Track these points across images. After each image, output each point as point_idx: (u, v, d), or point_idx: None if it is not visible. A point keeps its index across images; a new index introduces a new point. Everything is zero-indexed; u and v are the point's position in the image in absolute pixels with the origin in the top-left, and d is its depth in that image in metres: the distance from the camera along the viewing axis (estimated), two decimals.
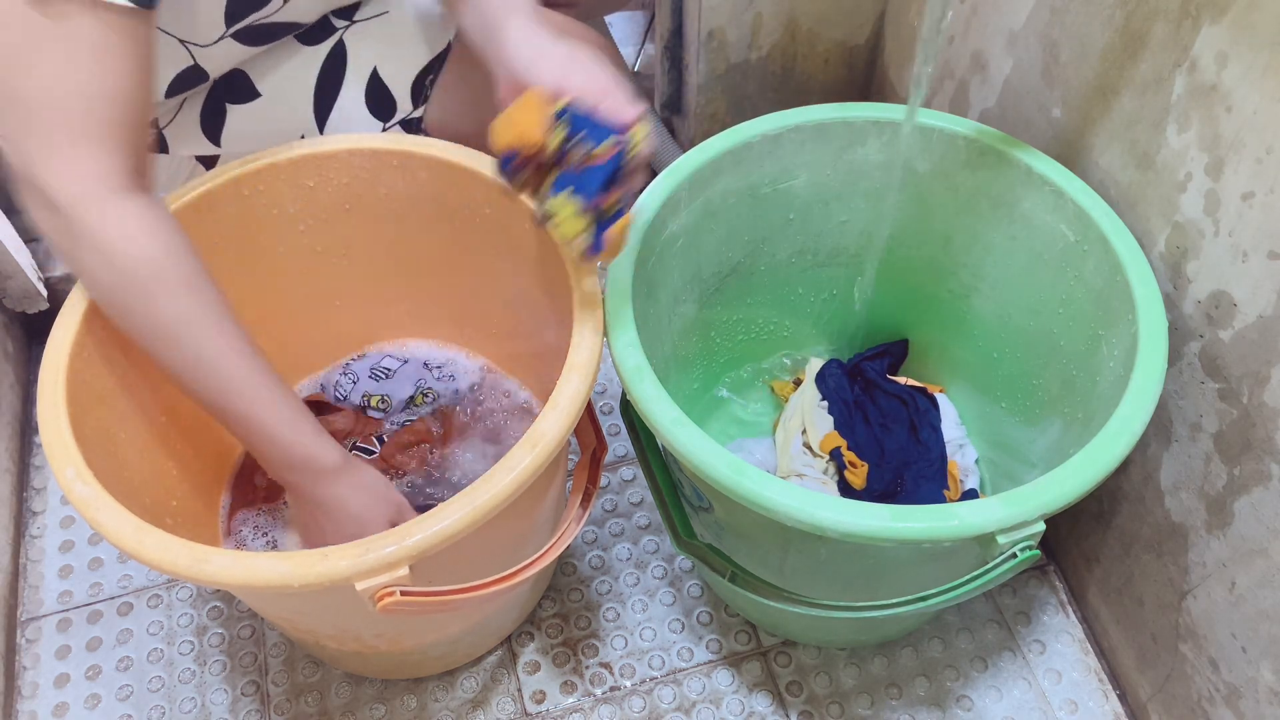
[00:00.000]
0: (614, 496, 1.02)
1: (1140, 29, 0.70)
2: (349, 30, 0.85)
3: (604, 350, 0.71)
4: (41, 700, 0.92)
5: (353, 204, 0.87)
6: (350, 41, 0.85)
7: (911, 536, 0.61)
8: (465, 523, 0.62)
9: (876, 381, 0.96)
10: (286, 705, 0.90)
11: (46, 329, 0.72)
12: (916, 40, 1.02)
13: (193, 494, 0.87)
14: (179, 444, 0.85)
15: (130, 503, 0.65)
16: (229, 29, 0.75)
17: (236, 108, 0.85)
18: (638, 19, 1.40)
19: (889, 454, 0.92)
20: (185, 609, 0.96)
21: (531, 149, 0.63)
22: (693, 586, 0.96)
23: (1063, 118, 0.81)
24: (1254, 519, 0.68)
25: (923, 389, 0.97)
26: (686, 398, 0.98)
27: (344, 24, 0.86)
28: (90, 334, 0.73)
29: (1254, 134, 0.62)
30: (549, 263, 0.78)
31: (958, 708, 0.89)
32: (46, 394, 0.69)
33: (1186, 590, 0.77)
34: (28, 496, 1.05)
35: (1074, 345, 0.80)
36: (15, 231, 1.08)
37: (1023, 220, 0.81)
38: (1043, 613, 0.94)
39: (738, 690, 0.90)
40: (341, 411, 0.95)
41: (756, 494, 0.62)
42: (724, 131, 0.82)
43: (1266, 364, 0.65)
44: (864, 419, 0.94)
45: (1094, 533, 0.89)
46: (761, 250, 0.92)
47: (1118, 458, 0.63)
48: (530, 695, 0.90)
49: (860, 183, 0.87)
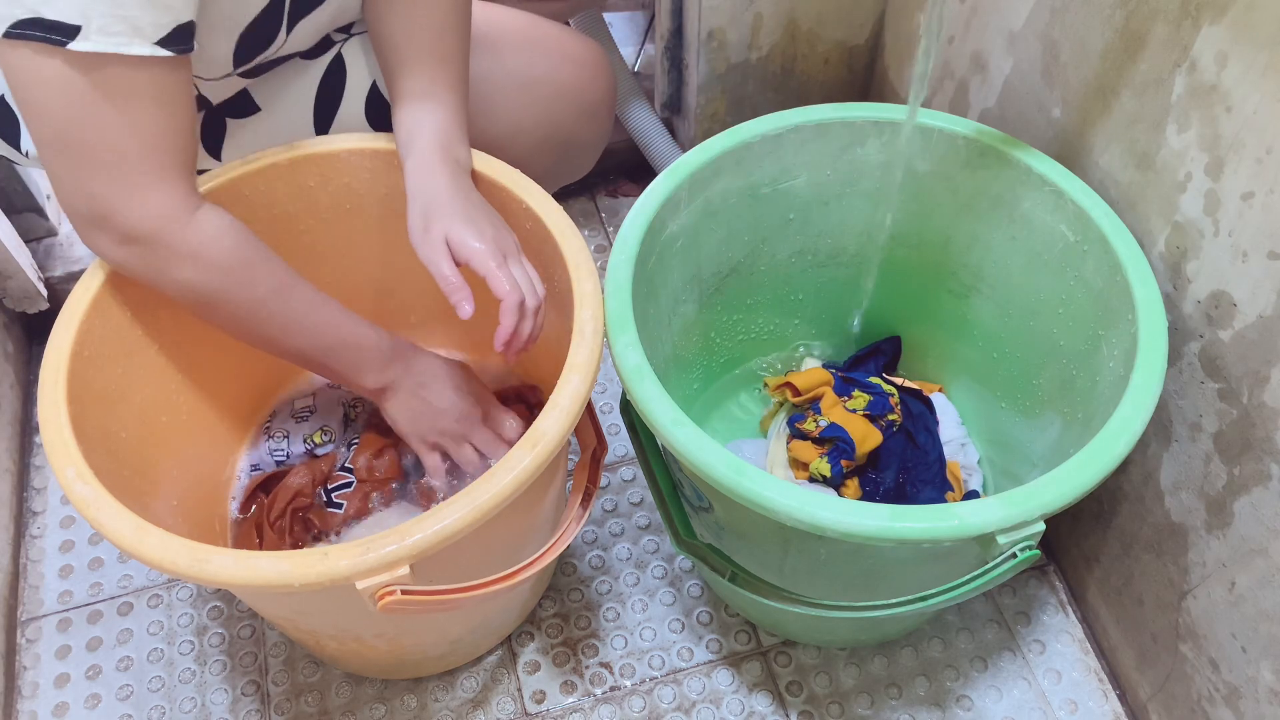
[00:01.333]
0: (614, 496, 1.02)
1: (1140, 29, 0.70)
2: (347, 44, 0.86)
3: (604, 350, 0.71)
4: (41, 700, 0.92)
5: (353, 204, 0.87)
6: (349, 55, 0.86)
7: (911, 536, 0.61)
8: (465, 522, 0.62)
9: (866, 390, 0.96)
10: (286, 705, 0.90)
11: (46, 329, 0.73)
12: (916, 40, 1.02)
13: (195, 494, 0.87)
14: (180, 443, 0.85)
15: (131, 502, 0.65)
16: (235, 69, 0.77)
17: (236, 122, 0.85)
18: (638, 19, 1.40)
19: (885, 461, 0.92)
20: (185, 609, 0.96)
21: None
22: (693, 586, 0.96)
23: (1063, 118, 0.81)
24: (1254, 519, 0.69)
25: (918, 390, 0.97)
26: (686, 398, 0.98)
27: (342, 37, 0.86)
28: (90, 334, 0.73)
29: (1254, 134, 0.62)
30: (549, 263, 0.78)
31: (958, 708, 0.89)
32: (47, 394, 0.69)
33: (1186, 590, 0.77)
34: (28, 496, 1.05)
35: (1074, 345, 0.80)
36: (15, 231, 1.08)
37: (1023, 220, 0.81)
38: (1043, 613, 0.94)
39: (738, 690, 0.90)
40: (293, 469, 0.91)
41: (756, 494, 0.62)
42: (724, 131, 0.82)
43: (1266, 364, 0.65)
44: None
45: (1094, 533, 0.89)
46: (761, 250, 0.92)
47: (1118, 458, 0.63)
48: (530, 695, 0.90)
49: (860, 183, 0.87)
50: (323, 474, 0.92)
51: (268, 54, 0.78)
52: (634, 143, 1.23)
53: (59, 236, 1.15)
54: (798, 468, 0.92)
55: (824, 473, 0.89)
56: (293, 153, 0.82)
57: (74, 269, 1.12)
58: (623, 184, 1.28)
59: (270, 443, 0.95)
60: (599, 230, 1.25)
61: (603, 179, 1.28)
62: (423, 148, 0.77)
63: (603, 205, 1.27)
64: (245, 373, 0.94)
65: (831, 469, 0.89)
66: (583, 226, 1.25)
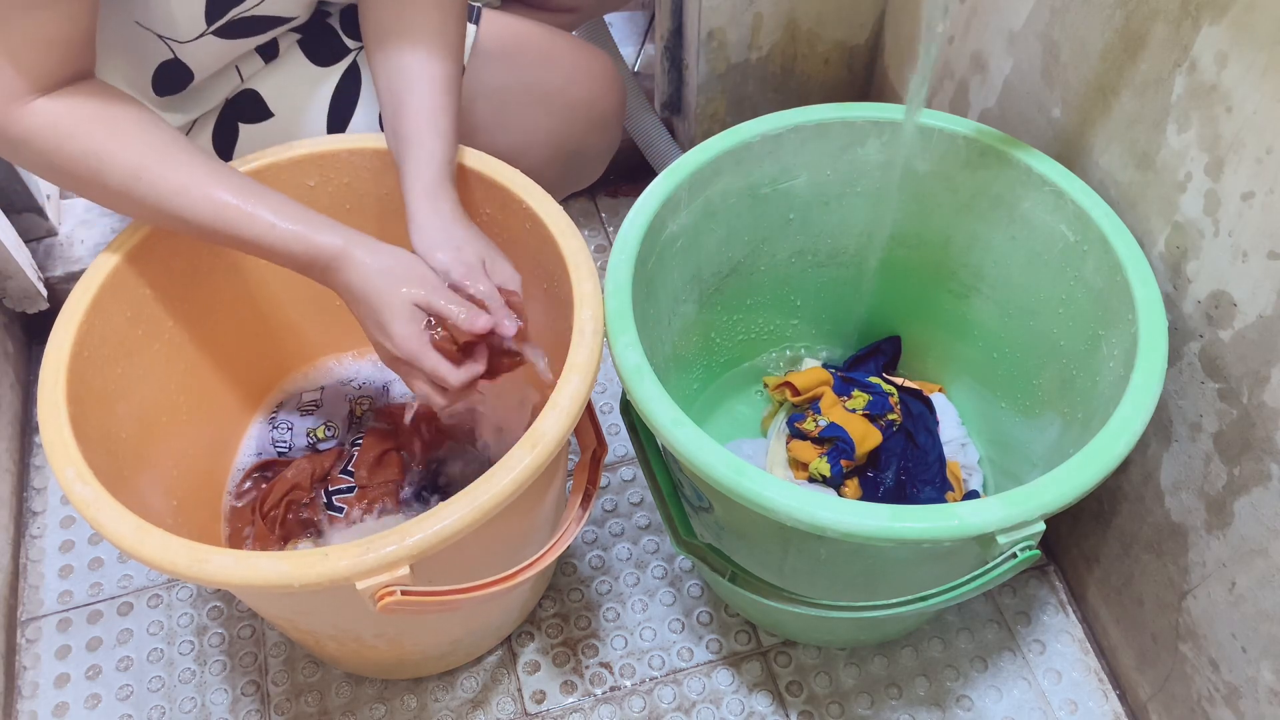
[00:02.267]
0: (614, 496, 1.02)
1: (1140, 29, 0.70)
2: (362, 53, 0.86)
3: (604, 350, 0.71)
4: (41, 700, 0.92)
5: (354, 204, 0.87)
6: (364, 64, 0.86)
7: (911, 536, 0.61)
8: (465, 523, 0.62)
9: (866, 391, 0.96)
10: (286, 705, 0.90)
11: (46, 329, 0.72)
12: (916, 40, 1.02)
13: (194, 494, 0.87)
14: (180, 444, 0.85)
15: (130, 502, 0.65)
16: (209, 26, 0.76)
17: (249, 127, 0.85)
18: (638, 19, 1.40)
19: (885, 461, 0.92)
20: (185, 609, 0.96)
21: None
22: (693, 586, 0.96)
23: (1063, 118, 0.81)
24: (1254, 519, 0.69)
25: (918, 390, 0.97)
26: (686, 398, 0.98)
27: (357, 45, 0.86)
28: (90, 334, 0.73)
29: (1254, 134, 0.62)
30: (549, 263, 0.78)
31: (958, 708, 0.89)
32: (47, 394, 0.69)
33: (1186, 590, 0.77)
34: (28, 496, 1.05)
35: (1074, 345, 0.80)
36: (15, 231, 1.08)
37: (1023, 220, 0.81)
38: (1043, 613, 0.94)
39: (738, 690, 0.90)
40: (294, 463, 0.91)
41: (756, 494, 0.62)
42: (724, 131, 0.82)
43: (1266, 364, 0.65)
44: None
45: (1094, 533, 0.89)
46: (761, 250, 0.92)
47: (1118, 458, 0.63)
48: (530, 695, 0.90)
49: (860, 183, 0.87)
50: (323, 470, 0.91)
51: (243, 7, 0.77)
52: (634, 143, 1.23)
53: (59, 236, 1.15)
54: (797, 468, 0.92)
55: (824, 472, 0.89)
56: (293, 152, 0.82)
57: (74, 269, 1.12)
58: (623, 184, 1.28)
59: (274, 433, 0.96)
60: (599, 230, 1.25)
61: (603, 179, 1.28)
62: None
63: (603, 205, 1.27)
64: (246, 372, 0.94)
65: (831, 469, 0.89)
66: (583, 226, 1.25)
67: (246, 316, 0.90)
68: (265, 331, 0.93)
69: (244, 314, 0.90)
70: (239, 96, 0.86)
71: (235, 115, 0.85)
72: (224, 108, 0.86)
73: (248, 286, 0.90)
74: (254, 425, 0.97)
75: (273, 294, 0.92)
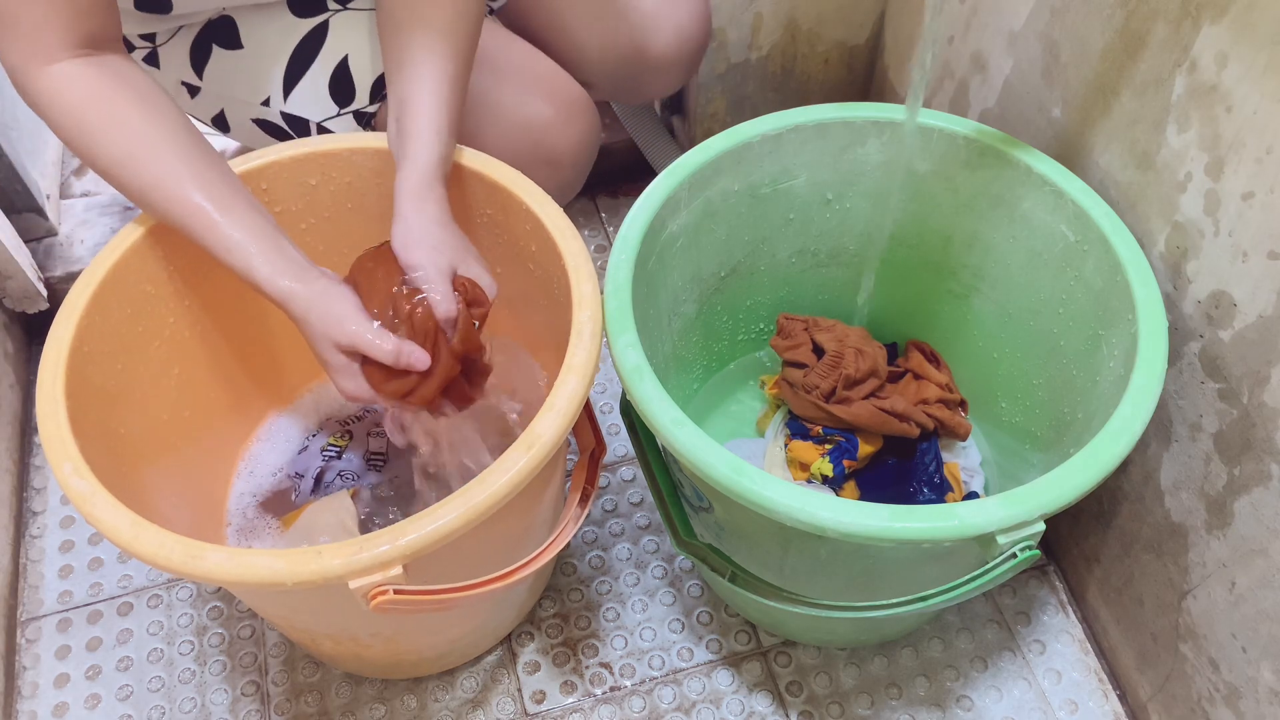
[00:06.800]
0: (614, 496, 1.02)
1: (1140, 29, 0.70)
2: (337, 15, 0.87)
3: (604, 350, 0.71)
4: (41, 700, 0.92)
5: (355, 203, 0.87)
6: (334, 26, 0.87)
7: (911, 536, 0.61)
8: (460, 523, 0.62)
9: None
10: (286, 705, 0.90)
11: (46, 329, 0.72)
12: (916, 40, 1.02)
13: (195, 493, 0.87)
14: (181, 443, 0.85)
15: (131, 500, 0.65)
16: None
17: (220, 51, 0.88)
18: None
19: (885, 462, 0.92)
20: (185, 609, 0.96)
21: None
22: (693, 586, 0.96)
23: (1063, 118, 0.81)
24: (1254, 519, 0.68)
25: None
26: (686, 397, 0.98)
27: (337, 7, 0.87)
28: (90, 330, 0.73)
29: (1254, 134, 0.62)
30: (549, 263, 0.78)
31: (958, 708, 0.89)
32: (45, 389, 0.69)
33: (1186, 590, 0.77)
34: (28, 496, 1.05)
35: (1074, 345, 0.80)
36: (15, 231, 1.08)
37: (1023, 220, 0.81)
38: (1043, 613, 0.94)
39: (738, 690, 0.90)
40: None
41: (756, 494, 0.62)
42: (724, 131, 0.82)
43: (1266, 364, 0.65)
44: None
45: (1094, 533, 0.89)
46: (761, 250, 0.92)
47: (1118, 458, 0.63)
48: (530, 695, 0.90)
49: (860, 183, 0.87)
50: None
51: None
52: (634, 143, 1.23)
53: (59, 236, 1.15)
54: (798, 468, 0.92)
55: (826, 472, 0.89)
56: (294, 150, 0.83)
57: (74, 269, 1.12)
58: (623, 184, 1.28)
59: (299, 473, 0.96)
60: (599, 230, 1.25)
61: (603, 179, 1.28)
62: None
63: (603, 205, 1.27)
64: (246, 371, 0.94)
65: (834, 469, 0.89)
66: (583, 227, 1.25)
67: (248, 314, 0.90)
68: (267, 329, 0.93)
69: (246, 311, 0.90)
70: (219, 19, 0.87)
71: (212, 36, 0.87)
72: (204, 27, 0.87)
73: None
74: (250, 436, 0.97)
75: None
